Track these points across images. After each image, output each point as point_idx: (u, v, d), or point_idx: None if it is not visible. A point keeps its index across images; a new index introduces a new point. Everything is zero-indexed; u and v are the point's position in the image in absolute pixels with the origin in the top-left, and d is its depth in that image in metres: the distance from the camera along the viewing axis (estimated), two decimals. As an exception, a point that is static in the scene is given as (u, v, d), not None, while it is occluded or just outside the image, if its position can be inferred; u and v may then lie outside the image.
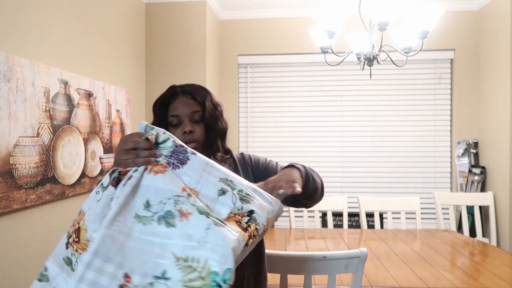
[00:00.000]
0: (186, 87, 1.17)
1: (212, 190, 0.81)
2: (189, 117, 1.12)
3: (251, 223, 0.80)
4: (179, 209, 0.76)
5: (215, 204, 0.80)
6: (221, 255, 0.71)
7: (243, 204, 0.81)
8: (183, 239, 0.74)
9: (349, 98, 3.76)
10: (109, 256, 0.73)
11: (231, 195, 0.81)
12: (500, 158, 3.18)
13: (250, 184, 0.86)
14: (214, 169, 0.83)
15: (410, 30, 2.25)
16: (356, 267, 1.37)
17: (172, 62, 3.37)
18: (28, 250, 1.95)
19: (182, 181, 0.80)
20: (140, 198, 0.79)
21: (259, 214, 0.82)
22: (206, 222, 0.75)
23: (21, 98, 1.84)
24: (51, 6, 2.10)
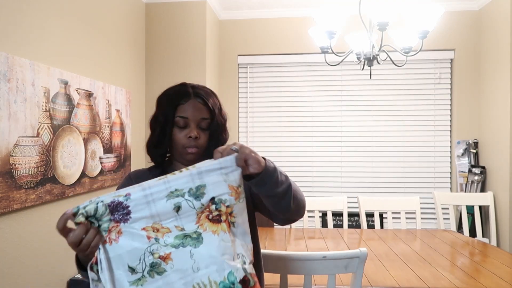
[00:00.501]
0: (199, 90, 1.13)
1: (168, 213, 0.82)
2: (197, 122, 1.10)
3: (219, 207, 0.83)
4: (158, 257, 0.81)
5: (180, 220, 0.83)
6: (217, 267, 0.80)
7: (201, 199, 0.83)
8: (180, 276, 0.80)
9: (349, 98, 3.76)
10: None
11: (185, 202, 0.83)
12: (500, 158, 3.18)
13: (193, 170, 0.84)
14: (155, 193, 0.82)
15: (410, 30, 2.25)
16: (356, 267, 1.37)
17: (172, 62, 3.37)
18: (28, 250, 1.95)
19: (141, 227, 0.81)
20: (121, 269, 0.80)
21: (219, 192, 0.84)
22: (187, 251, 0.81)
23: (21, 98, 1.84)
24: (51, 6, 2.10)
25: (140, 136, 3.31)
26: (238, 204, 0.86)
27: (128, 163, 3.02)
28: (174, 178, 0.83)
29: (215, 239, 0.82)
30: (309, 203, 2.94)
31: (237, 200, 0.86)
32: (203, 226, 0.83)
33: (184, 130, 1.10)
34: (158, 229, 0.82)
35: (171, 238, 0.81)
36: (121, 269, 0.80)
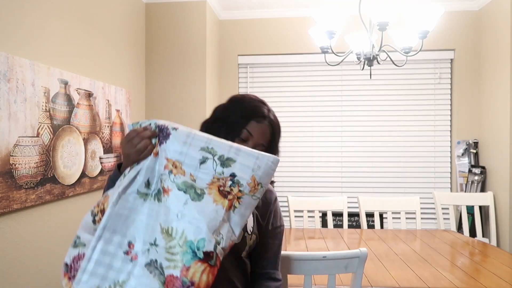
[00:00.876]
0: (273, 118, 1.17)
1: (194, 160, 0.88)
2: (256, 145, 1.13)
3: (233, 186, 0.88)
4: (162, 186, 0.88)
5: (198, 172, 0.88)
6: (196, 227, 0.83)
7: (224, 168, 0.88)
8: (166, 213, 0.86)
9: (349, 98, 3.76)
10: (116, 229, 0.86)
11: (212, 161, 0.88)
12: (500, 158, 3.18)
13: (234, 145, 0.91)
14: (195, 139, 0.89)
15: (410, 30, 2.25)
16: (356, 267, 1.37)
17: (172, 62, 3.37)
18: (28, 250, 1.95)
19: (166, 155, 0.89)
20: (143, 176, 0.89)
21: (242, 175, 0.89)
22: (184, 198, 0.86)
23: (21, 98, 1.84)
24: (51, 6, 2.10)
25: (140, 136, 3.31)
26: (250, 197, 0.90)
27: (128, 163, 3.02)
28: (217, 140, 0.90)
29: (212, 206, 0.86)
30: (309, 203, 2.94)
31: (251, 193, 0.90)
32: (211, 191, 0.88)
33: (241, 143, 1.12)
34: (177, 166, 0.88)
35: (180, 180, 0.88)
36: (142, 176, 0.89)
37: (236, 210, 0.89)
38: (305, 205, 2.93)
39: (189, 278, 0.81)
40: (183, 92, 3.34)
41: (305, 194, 3.75)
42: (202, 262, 0.82)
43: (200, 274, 0.81)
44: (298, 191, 3.76)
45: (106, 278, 0.84)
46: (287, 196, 2.95)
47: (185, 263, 0.82)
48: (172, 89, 3.36)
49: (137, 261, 0.84)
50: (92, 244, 0.85)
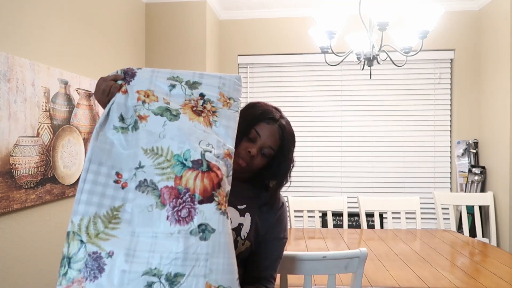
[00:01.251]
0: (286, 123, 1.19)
1: (163, 88, 0.97)
2: (263, 146, 1.14)
3: (206, 104, 0.97)
4: (138, 115, 0.94)
5: (170, 97, 0.97)
6: (179, 141, 0.91)
7: (192, 90, 0.98)
8: (147, 136, 0.92)
9: (349, 98, 3.76)
10: (101, 161, 0.92)
11: (180, 86, 0.97)
12: (500, 158, 3.18)
13: (197, 72, 1.01)
14: (160, 73, 0.99)
15: (410, 30, 2.25)
16: (356, 267, 1.37)
17: (172, 62, 3.37)
18: (28, 250, 1.95)
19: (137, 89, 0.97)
20: (115, 112, 0.95)
21: (210, 93, 0.98)
22: (162, 120, 0.93)
23: (21, 98, 1.84)
24: (51, 6, 2.10)
25: (140, 136, 3.31)
26: (226, 110, 0.98)
27: (128, 163, 3.02)
28: (180, 70, 0.99)
29: (189, 123, 0.94)
30: (309, 203, 2.94)
31: (225, 107, 0.99)
32: (185, 111, 0.95)
33: (248, 143, 1.13)
34: (149, 95, 0.96)
35: (154, 106, 0.95)
36: (115, 113, 0.95)
37: (217, 123, 0.96)
38: (305, 205, 2.93)
39: (183, 186, 0.88)
40: (183, 92, 3.33)
41: (305, 194, 3.75)
42: (193, 170, 0.88)
43: (193, 180, 0.88)
44: (298, 191, 3.76)
45: (102, 205, 0.90)
46: (287, 196, 2.95)
47: (177, 174, 0.88)
48: (172, 89, 3.36)
49: (127, 187, 0.91)
50: (82, 176, 0.91)
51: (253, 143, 1.13)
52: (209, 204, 0.87)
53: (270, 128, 1.14)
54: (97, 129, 0.94)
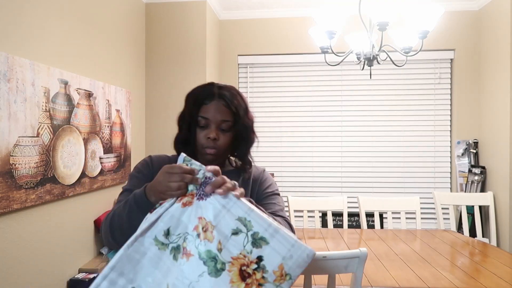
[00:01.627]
0: (224, 90, 1.14)
1: (227, 228, 0.82)
2: (218, 124, 1.11)
3: (258, 271, 0.81)
4: (184, 247, 0.81)
5: (227, 242, 0.81)
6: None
7: (253, 248, 0.81)
8: (178, 275, 0.80)
9: (349, 98, 3.76)
10: (123, 271, 0.81)
11: (244, 236, 0.82)
12: (500, 158, 3.18)
13: (274, 224, 0.83)
14: (235, 207, 0.83)
15: (410, 30, 2.25)
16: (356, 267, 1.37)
17: (172, 62, 3.37)
18: (28, 250, 1.95)
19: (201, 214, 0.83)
20: (164, 223, 0.83)
21: (269, 261, 0.81)
22: (201, 269, 0.79)
23: (21, 98, 1.84)
24: (51, 6, 2.10)
25: (140, 136, 3.31)
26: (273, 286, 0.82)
27: (128, 163, 3.02)
28: (258, 213, 0.84)
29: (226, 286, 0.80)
30: (309, 203, 2.94)
31: (275, 283, 0.82)
32: (231, 268, 0.81)
33: (204, 130, 1.12)
34: (206, 230, 0.81)
35: (204, 248, 0.81)
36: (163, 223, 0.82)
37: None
38: (305, 205, 2.93)
39: None
40: (183, 92, 3.31)
41: (305, 194, 3.75)
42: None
43: None
44: (298, 191, 3.76)
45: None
46: (287, 196, 2.95)
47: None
48: (172, 89, 3.36)
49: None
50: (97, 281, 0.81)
51: (207, 128, 1.11)
52: None
53: (213, 106, 1.11)
54: (136, 236, 0.82)
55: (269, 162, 3.76)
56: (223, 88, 1.15)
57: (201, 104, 1.11)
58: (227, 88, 1.16)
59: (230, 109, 1.11)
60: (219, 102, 1.11)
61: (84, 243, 2.48)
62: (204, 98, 1.12)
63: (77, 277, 2.31)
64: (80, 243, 2.43)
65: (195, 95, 1.14)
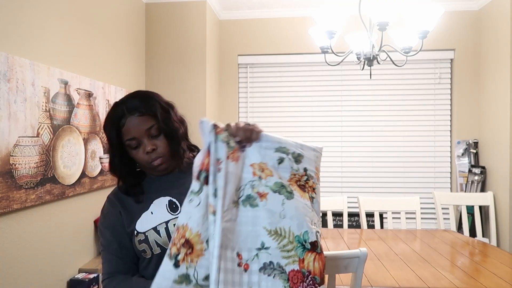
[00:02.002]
0: (131, 103, 1.08)
1: (273, 160, 0.94)
2: (146, 134, 1.07)
3: (308, 180, 0.96)
4: (257, 192, 0.90)
5: (277, 171, 0.93)
6: (298, 222, 0.90)
7: (298, 165, 0.95)
8: (269, 216, 0.89)
9: (349, 98, 3.76)
10: (227, 244, 0.85)
11: (288, 160, 0.95)
12: (500, 158, 3.18)
13: (297, 141, 0.97)
14: (268, 142, 0.94)
15: (410, 30, 2.25)
16: (356, 267, 1.37)
17: (172, 62, 3.37)
18: (28, 250, 1.95)
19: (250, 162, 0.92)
20: (232, 184, 0.89)
21: (310, 168, 0.97)
22: (280, 199, 0.91)
23: (21, 98, 1.84)
24: (51, 6, 2.10)
25: (140, 136, 3.31)
26: (318, 185, 0.98)
27: (128, 163, 3.02)
28: (284, 138, 0.96)
29: (301, 200, 0.93)
30: (309, 203, 2.94)
31: (318, 182, 0.99)
32: (294, 187, 0.94)
33: (139, 149, 1.08)
34: (263, 169, 0.92)
35: (271, 182, 0.91)
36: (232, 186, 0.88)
37: (314, 200, 0.96)
38: (305, 205, 2.92)
39: (306, 268, 0.89)
40: (183, 92, 3.34)
41: (305, 194, 3.75)
42: (312, 252, 0.90)
43: (313, 263, 0.89)
44: (298, 191, 3.76)
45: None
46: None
47: (300, 256, 0.89)
48: (172, 89, 3.36)
49: (250, 269, 0.86)
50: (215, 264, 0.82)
51: (139, 145, 1.07)
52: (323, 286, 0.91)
53: (130, 123, 1.06)
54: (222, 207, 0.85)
55: (269, 162, 3.76)
56: (129, 101, 1.09)
57: (120, 129, 1.07)
58: (132, 98, 1.10)
59: (146, 113, 1.07)
60: (132, 116, 1.06)
61: (84, 243, 2.48)
62: (118, 122, 1.07)
63: (77, 277, 2.31)
64: (80, 243, 2.43)
65: (109, 124, 1.09)
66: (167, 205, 1.11)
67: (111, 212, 1.14)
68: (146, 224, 1.09)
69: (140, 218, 1.10)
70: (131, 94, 1.13)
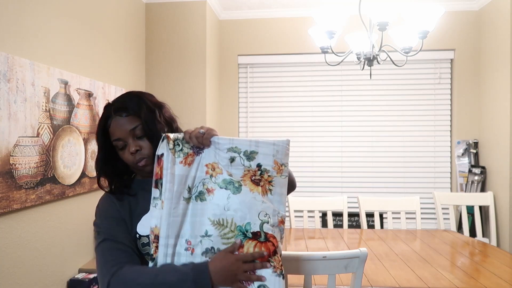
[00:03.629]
0: (118, 103, 1.08)
1: (225, 160, 1.04)
2: (131, 135, 1.06)
3: (263, 174, 1.04)
4: (206, 188, 1.03)
5: (230, 169, 1.04)
6: (241, 214, 1.01)
7: (250, 162, 1.04)
8: (214, 208, 1.01)
9: (349, 98, 3.76)
10: (175, 233, 1.00)
11: (239, 158, 1.04)
12: (500, 158, 3.18)
13: (252, 139, 1.05)
14: (221, 144, 1.04)
15: (410, 30, 2.25)
16: (356, 267, 1.37)
17: (172, 62, 3.37)
18: (28, 250, 1.95)
19: (205, 162, 1.05)
20: (183, 185, 1.02)
21: (266, 162, 1.04)
22: (226, 193, 1.02)
23: (21, 98, 1.84)
24: (51, 6, 2.10)
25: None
26: (279, 178, 1.05)
27: (128, 163, 3.02)
28: (237, 139, 1.05)
29: (249, 194, 1.02)
30: (309, 203, 2.94)
31: (278, 174, 1.05)
32: (245, 182, 1.03)
33: (125, 150, 1.08)
34: (215, 168, 1.04)
35: (219, 179, 1.03)
36: (182, 186, 1.02)
37: (272, 191, 1.04)
38: (305, 205, 2.93)
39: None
40: (183, 92, 3.34)
41: (305, 194, 3.75)
42: (252, 240, 1.00)
43: (253, 249, 0.99)
44: (298, 191, 3.74)
45: None
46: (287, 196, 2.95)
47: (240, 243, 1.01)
48: (172, 89, 3.36)
49: (194, 253, 1.00)
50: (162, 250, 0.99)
51: (124, 146, 1.08)
52: (266, 269, 0.99)
53: (115, 123, 1.06)
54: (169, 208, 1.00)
55: (269, 162, 3.76)
56: (118, 102, 1.09)
57: (107, 130, 1.07)
58: (121, 99, 1.10)
59: (130, 113, 1.06)
60: (118, 117, 1.06)
61: (84, 243, 2.48)
62: (105, 123, 1.08)
63: (77, 277, 2.31)
64: (80, 243, 2.43)
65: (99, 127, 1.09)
66: None
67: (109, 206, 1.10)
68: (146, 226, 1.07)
69: (140, 222, 1.09)
70: (121, 95, 1.14)
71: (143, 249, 1.07)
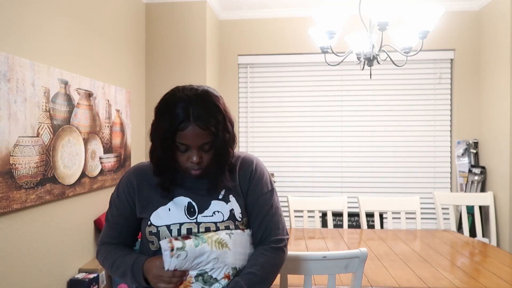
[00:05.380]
0: (199, 108, 1.03)
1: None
2: (199, 147, 1.05)
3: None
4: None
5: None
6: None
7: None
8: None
9: (349, 98, 3.76)
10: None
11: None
12: (500, 158, 3.18)
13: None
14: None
15: (410, 30, 2.25)
16: (356, 267, 1.37)
17: (172, 62, 3.37)
18: (28, 250, 1.95)
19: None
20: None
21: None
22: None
23: (21, 98, 1.84)
24: (51, 6, 2.10)
25: (140, 136, 3.31)
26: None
27: (128, 163, 3.02)
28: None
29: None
30: (309, 203, 2.94)
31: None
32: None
33: (185, 154, 1.06)
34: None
35: None
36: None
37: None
38: (305, 205, 2.93)
39: None
40: (183, 92, 3.33)
41: (305, 194, 3.75)
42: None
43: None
44: (298, 191, 3.76)
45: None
46: (287, 196, 2.95)
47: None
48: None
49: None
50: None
51: (188, 151, 1.05)
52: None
53: (190, 132, 1.02)
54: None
55: (269, 162, 3.76)
56: (197, 105, 1.03)
57: (176, 130, 1.02)
58: (200, 102, 1.04)
59: (208, 128, 1.03)
60: (196, 127, 1.02)
61: (84, 243, 2.48)
62: (179, 123, 1.02)
63: (77, 277, 2.31)
64: (80, 243, 2.43)
65: (169, 119, 1.03)
66: (186, 207, 1.11)
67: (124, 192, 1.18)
68: (161, 219, 1.10)
69: (156, 211, 1.12)
70: (199, 94, 1.07)
71: (149, 237, 1.12)
